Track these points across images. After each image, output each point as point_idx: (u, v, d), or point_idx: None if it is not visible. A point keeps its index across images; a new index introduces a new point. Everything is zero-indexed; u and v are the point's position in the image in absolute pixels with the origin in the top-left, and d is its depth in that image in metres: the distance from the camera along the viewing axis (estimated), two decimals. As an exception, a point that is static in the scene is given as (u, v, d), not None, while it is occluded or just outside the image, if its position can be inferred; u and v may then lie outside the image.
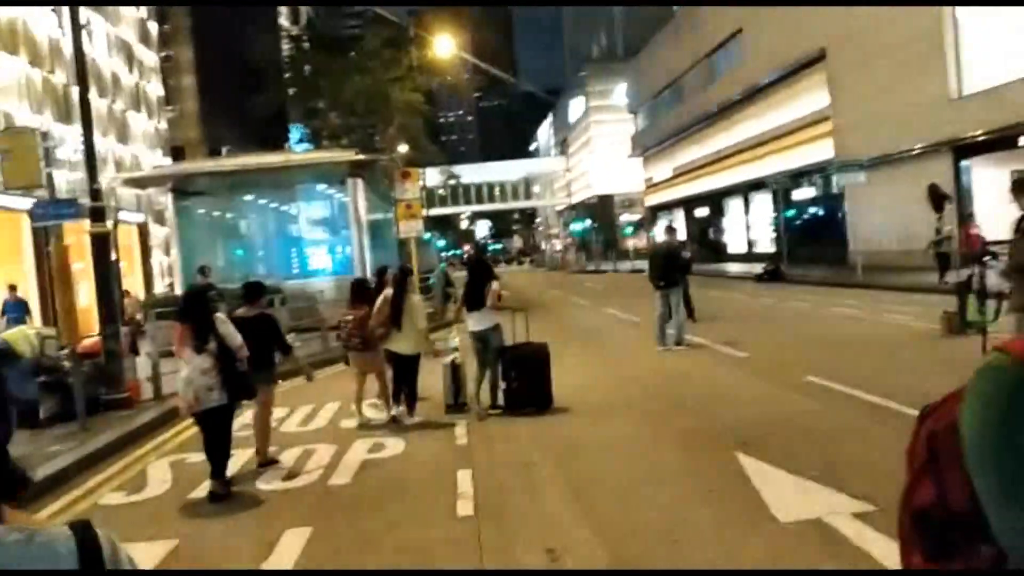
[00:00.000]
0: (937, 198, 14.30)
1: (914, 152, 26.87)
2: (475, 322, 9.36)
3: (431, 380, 9.92)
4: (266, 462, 7.63)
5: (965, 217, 19.83)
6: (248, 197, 26.22)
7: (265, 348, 7.61)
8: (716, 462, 6.53)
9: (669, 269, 12.90)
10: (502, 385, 9.31)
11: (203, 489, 7.00)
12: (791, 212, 36.52)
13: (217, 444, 6.78)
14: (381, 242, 32.05)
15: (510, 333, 9.99)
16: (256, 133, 46.84)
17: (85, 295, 16.60)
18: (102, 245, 11.00)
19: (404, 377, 9.23)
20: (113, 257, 29.23)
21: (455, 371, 9.74)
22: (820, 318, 16.42)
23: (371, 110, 44.43)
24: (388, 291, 9.33)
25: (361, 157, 21.48)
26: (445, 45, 46.69)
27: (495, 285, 9.34)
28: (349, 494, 6.64)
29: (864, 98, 29.71)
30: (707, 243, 48.66)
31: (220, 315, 7.04)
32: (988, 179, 25.42)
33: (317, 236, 26.30)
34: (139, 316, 17.56)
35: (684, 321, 13.04)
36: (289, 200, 28.40)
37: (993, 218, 25.33)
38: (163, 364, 12.16)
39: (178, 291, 19.96)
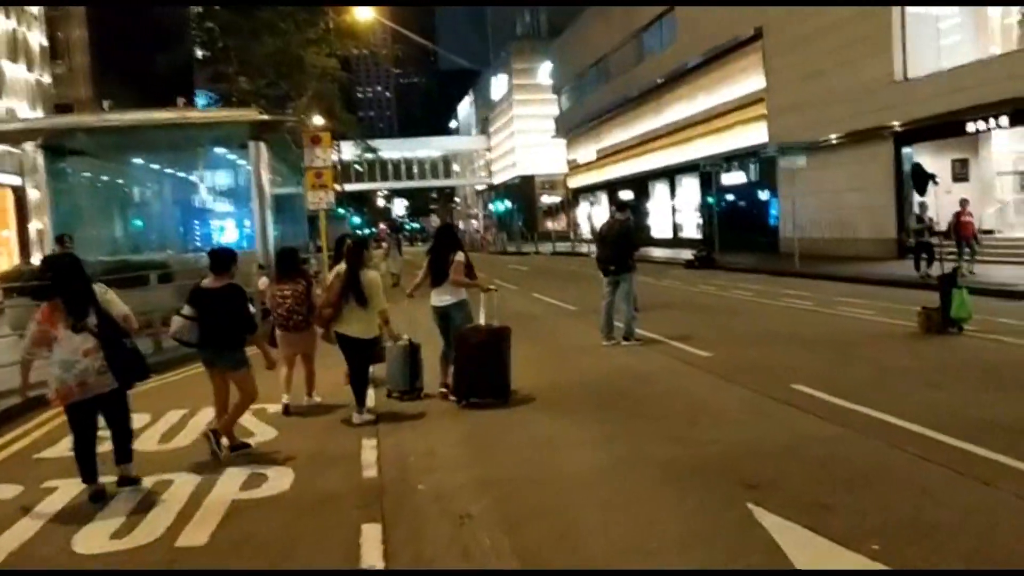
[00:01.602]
0: (921, 178, 12.81)
1: (854, 136, 25.82)
2: (437, 297, 8.48)
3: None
4: (237, 445, 6.89)
5: (960, 202, 18.47)
6: (137, 160, 23.43)
7: (234, 325, 6.80)
8: (726, 519, 4.69)
9: (622, 252, 11.06)
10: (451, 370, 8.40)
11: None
12: (720, 197, 35.39)
13: (118, 430, 6.00)
14: (290, 216, 29.54)
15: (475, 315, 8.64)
16: (157, 96, 43.37)
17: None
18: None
19: (360, 364, 7.99)
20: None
21: (414, 353, 8.60)
22: (772, 311, 14.91)
23: (283, 75, 41.53)
24: (340, 266, 8.09)
25: (265, 117, 19.02)
26: (364, 9, 44.15)
27: (459, 256, 8.39)
28: (201, 565, 4.59)
29: (802, 80, 28.59)
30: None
31: (100, 285, 6.02)
32: (928, 168, 24.50)
33: (215, 207, 23.74)
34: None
35: (635, 313, 11.25)
36: (184, 166, 25.61)
37: (932, 208, 24.57)
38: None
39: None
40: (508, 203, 76.16)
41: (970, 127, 21.44)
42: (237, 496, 5.71)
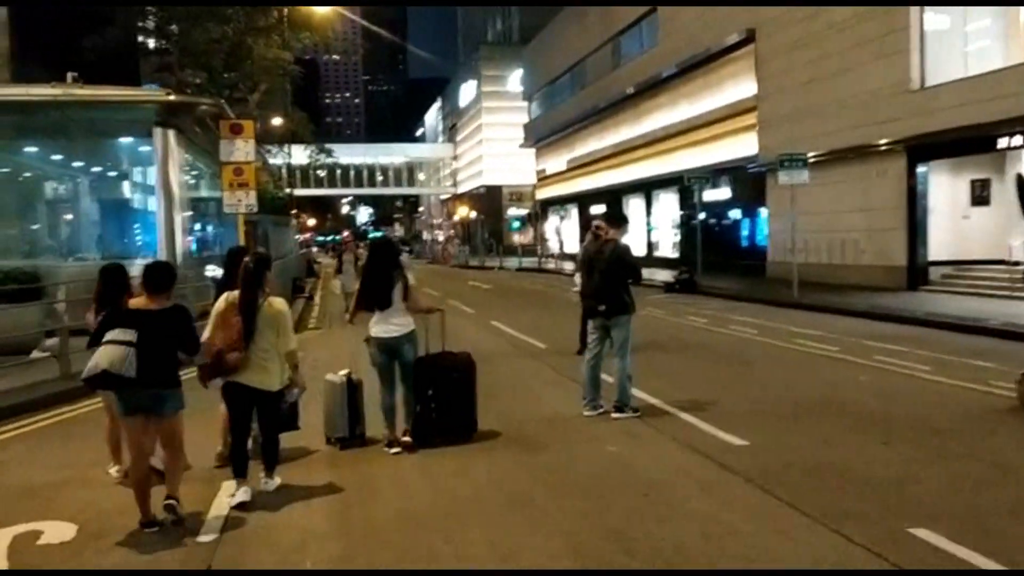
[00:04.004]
0: (1029, 194, 9.69)
1: (858, 150, 22.93)
2: (383, 326, 7.00)
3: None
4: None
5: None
6: (20, 145, 19.78)
7: (174, 357, 5.44)
8: None
9: (617, 286, 7.80)
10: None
11: None
12: (701, 214, 32.44)
13: None
14: (219, 221, 26.08)
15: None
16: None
17: None
18: None
19: (263, 422, 6.10)
20: None
21: (352, 392, 7.18)
22: (794, 360, 11.74)
23: (230, 66, 37.99)
24: (231, 292, 6.02)
25: (172, 98, 15.67)
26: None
27: (412, 278, 7.10)
28: None
29: (799, 87, 25.70)
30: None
31: None
32: (942, 189, 21.78)
33: (109, 207, 20.34)
34: None
35: (631, 372, 7.94)
36: (103, 158, 22.03)
37: (946, 235, 21.80)
38: None
39: None
40: (473, 214, 72.96)
41: (1001, 142, 18.61)
42: None
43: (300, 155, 50.41)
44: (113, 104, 15.56)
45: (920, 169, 21.36)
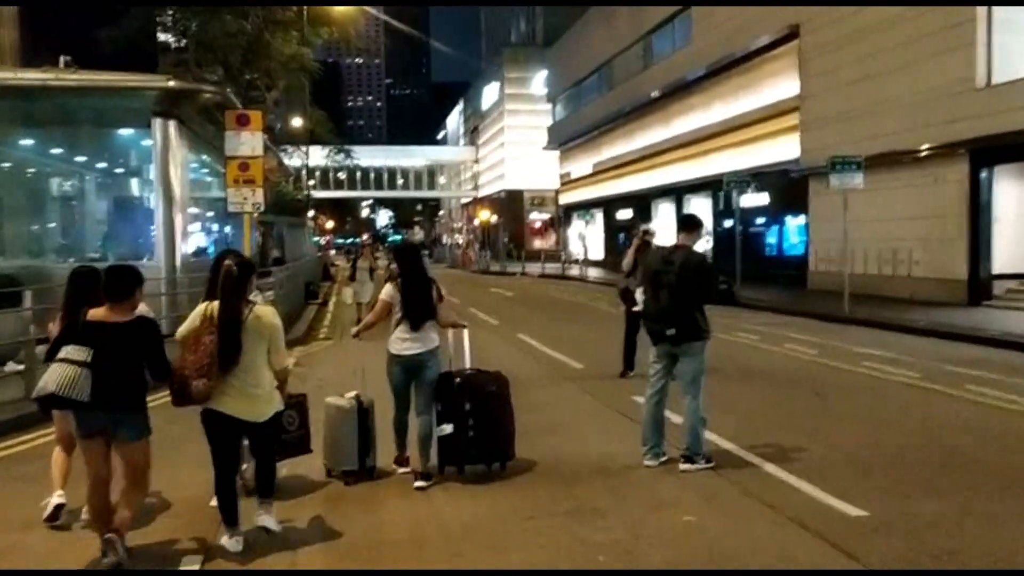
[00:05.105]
0: None
1: (913, 154, 21.24)
2: (406, 342, 6.09)
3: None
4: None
5: None
6: (17, 137, 18.51)
7: (140, 376, 4.67)
8: None
9: (691, 304, 6.26)
10: (446, 429, 6.08)
11: None
12: (736, 220, 30.80)
13: None
14: (231, 221, 24.76)
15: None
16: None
17: None
18: None
19: (256, 452, 5.13)
20: None
21: (363, 417, 6.11)
22: (871, 388, 10.10)
23: (248, 61, 36.86)
24: (208, 304, 4.92)
25: (171, 85, 14.29)
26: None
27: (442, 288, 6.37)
28: None
29: (846, 86, 24.03)
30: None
31: None
32: (1008, 195, 20.08)
33: (115, 205, 19.07)
34: None
35: (704, 413, 6.37)
36: (76, 149, 20.68)
37: (1012, 246, 20.13)
38: None
39: None
40: (494, 218, 71.47)
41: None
42: None
43: (319, 156, 49.25)
44: (106, 90, 14.20)
45: (983, 174, 19.69)
